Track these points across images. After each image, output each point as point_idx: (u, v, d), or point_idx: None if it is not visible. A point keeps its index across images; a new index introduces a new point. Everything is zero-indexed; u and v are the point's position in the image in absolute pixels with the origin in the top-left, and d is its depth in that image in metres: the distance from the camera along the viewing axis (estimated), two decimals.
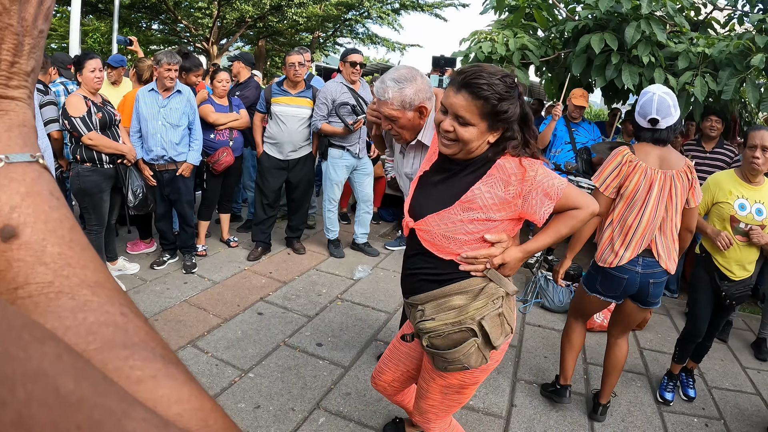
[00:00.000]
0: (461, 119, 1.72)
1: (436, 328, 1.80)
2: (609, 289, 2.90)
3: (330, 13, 18.48)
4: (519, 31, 5.67)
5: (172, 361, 0.47)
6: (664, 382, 3.52)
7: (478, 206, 1.76)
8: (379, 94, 2.33)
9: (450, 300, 1.81)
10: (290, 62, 4.83)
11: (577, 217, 1.86)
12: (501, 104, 1.69)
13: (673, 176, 2.70)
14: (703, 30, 5.77)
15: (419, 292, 1.89)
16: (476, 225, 1.77)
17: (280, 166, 5.11)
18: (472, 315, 1.78)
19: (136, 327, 0.47)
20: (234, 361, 3.35)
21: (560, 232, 1.89)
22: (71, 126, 3.84)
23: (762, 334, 4.29)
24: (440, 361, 1.86)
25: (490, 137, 1.76)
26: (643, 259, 2.78)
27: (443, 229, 1.79)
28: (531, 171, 1.76)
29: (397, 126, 2.40)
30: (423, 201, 1.90)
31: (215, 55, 18.06)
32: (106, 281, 0.50)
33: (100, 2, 16.38)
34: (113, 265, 4.44)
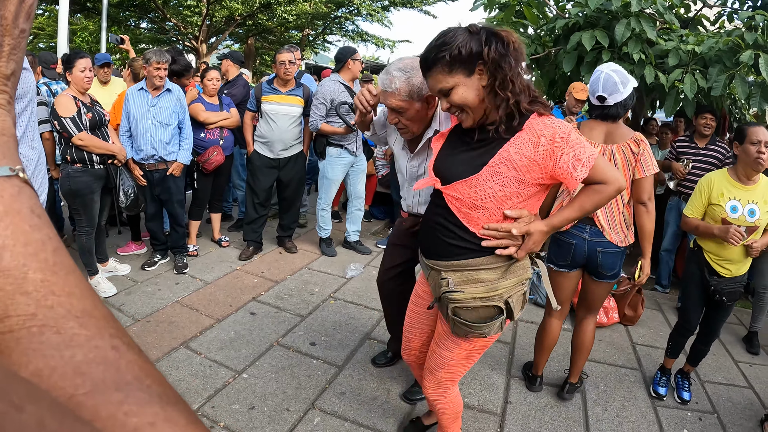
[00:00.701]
0: (443, 91, 1.77)
1: (464, 300, 1.83)
2: (559, 256, 2.99)
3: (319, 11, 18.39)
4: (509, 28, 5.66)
5: (171, 400, 0.42)
6: (657, 377, 3.54)
7: (507, 168, 1.74)
8: (385, 86, 2.26)
9: (477, 273, 1.84)
10: (281, 60, 4.80)
11: (603, 192, 1.83)
12: (453, 49, 1.69)
13: (613, 150, 2.77)
14: (692, 27, 5.79)
15: (443, 256, 1.90)
16: (506, 189, 1.76)
17: (271, 165, 5.09)
18: (501, 293, 1.84)
19: (129, 362, 0.43)
20: (227, 362, 3.33)
21: (585, 207, 1.86)
22: (61, 127, 3.80)
23: (753, 328, 4.33)
24: (461, 329, 1.89)
25: (477, 81, 1.74)
26: (590, 228, 2.87)
27: (473, 197, 1.79)
28: (562, 132, 1.73)
29: (404, 118, 2.33)
30: (450, 163, 1.89)
31: (204, 54, 17.96)
32: (95, 308, 0.46)
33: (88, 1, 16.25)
34: (104, 266, 4.40)
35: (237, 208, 6.40)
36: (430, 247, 1.99)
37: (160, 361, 3.26)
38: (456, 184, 1.82)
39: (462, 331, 1.91)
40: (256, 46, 21.46)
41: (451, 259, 1.88)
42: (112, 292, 4.11)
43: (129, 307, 3.92)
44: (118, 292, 4.15)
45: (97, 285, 4.12)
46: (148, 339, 3.50)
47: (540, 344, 3.24)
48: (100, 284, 4.12)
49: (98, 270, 4.23)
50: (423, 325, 2.36)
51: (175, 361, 3.28)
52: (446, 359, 2.10)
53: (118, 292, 4.14)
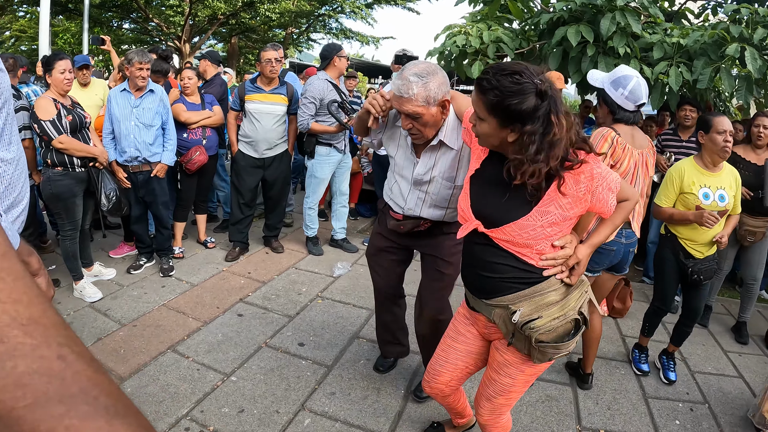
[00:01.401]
0: (476, 115, 1.82)
1: (545, 324, 1.85)
2: (597, 263, 3.03)
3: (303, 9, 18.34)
4: (493, 23, 5.65)
5: (118, 413, 0.40)
6: (636, 356, 3.72)
7: (554, 207, 1.80)
8: (401, 92, 2.23)
9: (545, 297, 1.88)
10: (266, 58, 4.75)
11: (627, 208, 1.99)
12: (503, 99, 1.69)
13: (646, 154, 2.89)
14: (677, 20, 5.81)
15: (505, 292, 1.92)
16: (554, 228, 1.83)
17: (256, 165, 5.05)
18: (573, 306, 1.90)
19: (76, 373, 0.40)
20: (216, 365, 3.29)
21: (616, 222, 2.01)
22: (41, 130, 3.73)
23: (742, 318, 4.37)
24: (549, 353, 1.90)
25: (507, 135, 1.77)
26: (625, 231, 2.99)
27: (525, 238, 1.83)
28: (597, 168, 1.82)
29: (419, 123, 2.31)
30: (493, 204, 1.90)
31: (188, 54, 17.84)
32: (43, 316, 0.43)
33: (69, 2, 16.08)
34: (89, 271, 4.34)
35: (222, 209, 6.34)
36: (487, 288, 1.98)
37: (148, 365, 3.22)
38: (506, 227, 1.84)
39: (547, 355, 1.92)
40: (240, 45, 21.37)
41: (516, 292, 1.91)
42: (97, 296, 4.06)
43: (115, 312, 3.87)
44: (104, 296, 4.10)
45: (83, 290, 4.06)
46: (134, 344, 3.45)
47: (587, 341, 3.31)
48: (85, 289, 4.07)
49: (83, 275, 4.17)
50: (458, 362, 2.32)
51: (162, 366, 3.24)
52: (507, 386, 2.11)
53: (103, 297, 4.08)
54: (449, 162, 2.50)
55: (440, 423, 2.87)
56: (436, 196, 2.58)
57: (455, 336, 2.31)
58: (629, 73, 2.81)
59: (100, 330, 3.61)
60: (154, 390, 2.98)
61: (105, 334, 3.55)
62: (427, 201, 2.61)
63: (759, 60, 4.28)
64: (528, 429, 2.94)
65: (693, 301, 3.53)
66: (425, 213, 2.64)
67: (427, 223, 2.68)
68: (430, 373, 2.41)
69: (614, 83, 2.83)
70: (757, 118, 4.17)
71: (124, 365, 3.20)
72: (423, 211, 2.63)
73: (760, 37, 4.33)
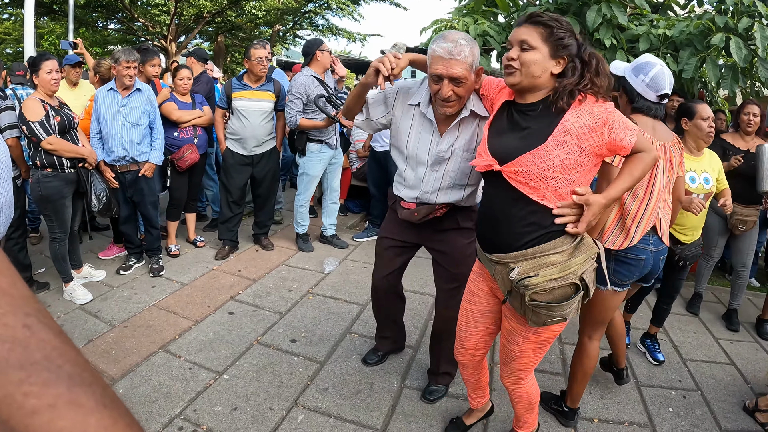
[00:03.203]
0: (525, 44, 1.87)
1: (541, 283, 1.84)
2: (626, 275, 2.71)
3: (289, 6, 18.27)
4: (480, 17, 5.65)
5: (83, 381, 0.39)
6: (650, 345, 3.75)
7: (570, 137, 1.82)
8: (452, 53, 2.17)
9: (546, 258, 1.86)
10: (257, 56, 4.73)
11: (645, 160, 1.95)
12: (559, 31, 1.85)
13: (670, 148, 2.66)
14: (663, 12, 5.83)
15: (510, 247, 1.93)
16: (570, 157, 1.82)
17: (244, 162, 5.03)
18: (575, 270, 1.86)
19: (41, 341, 0.40)
20: (207, 364, 3.28)
21: (633, 174, 1.95)
22: (29, 131, 3.68)
23: (732, 306, 4.42)
24: (542, 315, 1.89)
25: (552, 66, 1.87)
26: (652, 237, 2.70)
27: (541, 168, 1.83)
28: (610, 105, 1.88)
29: (462, 89, 2.27)
30: (509, 143, 1.92)
31: (174, 53, 17.73)
32: (11, 287, 0.43)
33: (54, 3, 15.92)
34: (78, 272, 4.31)
35: (210, 208, 6.32)
36: (493, 241, 2.00)
37: (139, 366, 3.20)
38: (522, 158, 1.84)
39: (542, 317, 1.90)
40: (226, 43, 21.27)
41: (518, 249, 1.91)
42: (87, 298, 4.03)
43: (105, 313, 3.85)
44: (94, 298, 4.07)
45: (73, 292, 4.03)
46: (126, 344, 3.43)
47: (581, 371, 2.90)
48: (75, 291, 4.03)
49: (73, 277, 4.13)
50: (478, 323, 2.34)
51: (154, 366, 3.22)
52: (517, 353, 2.14)
53: (93, 299, 4.05)
54: (470, 134, 2.46)
55: (458, 417, 2.86)
56: (455, 173, 2.51)
57: (470, 298, 2.34)
58: (652, 61, 2.64)
59: (91, 332, 3.58)
60: (147, 390, 2.97)
61: (96, 336, 3.53)
62: (446, 180, 2.53)
63: (744, 49, 4.31)
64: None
65: (674, 283, 3.63)
66: (442, 198, 2.58)
67: (443, 209, 2.63)
68: (458, 341, 2.47)
69: (635, 69, 2.66)
70: (746, 106, 4.21)
71: (115, 366, 3.18)
72: (440, 195, 2.57)
73: (744, 26, 4.36)
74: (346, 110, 2.73)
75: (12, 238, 4.00)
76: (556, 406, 3.01)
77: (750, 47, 4.49)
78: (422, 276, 4.68)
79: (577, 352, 2.91)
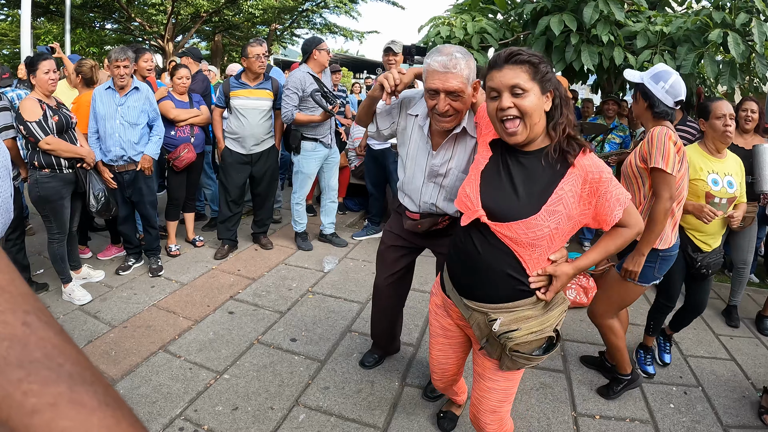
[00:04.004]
0: (516, 89, 1.76)
1: (523, 336, 1.85)
2: (664, 269, 2.98)
3: (286, 4, 18.25)
4: (477, 14, 5.65)
5: (85, 380, 0.38)
6: (642, 356, 3.58)
7: (562, 206, 1.78)
8: (448, 66, 2.15)
9: (523, 312, 1.88)
10: (255, 54, 4.71)
11: (625, 236, 1.91)
12: (542, 66, 1.77)
13: (685, 152, 2.79)
14: (660, 8, 5.84)
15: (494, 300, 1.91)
16: (559, 227, 1.80)
17: (243, 161, 5.02)
18: (552, 324, 1.89)
19: (41, 339, 0.39)
20: (208, 364, 3.28)
21: (609, 249, 1.93)
22: (27, 131, 3.67)
23: (732, 302, 4.41)
24: (519, 363, 1.92)
25: (544, 103, 1.79)
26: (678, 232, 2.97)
27: (530, 237, 1.79)
28: (607, 172, 1.79)
29: (459, 103, 2.24)
30: (503, 203, 1.85)
31: (171, 53, 17.69)
32: (10, 284, 0.42)
33: (51, 3, 15.90)
34: (77, 273, 4.29)
35: (209, 207, 6.31)
36: (471, 287, 1.97)
37: (140, 366, 3.19)
38: (513, 224, 1.80)
39: (518, 365, 1.93)
40: (224, 42, 21.24)
41: (498, 302, 1.90)
42: (87, 299, 4.02)
43: (105, 314, 3.84)
44: (93, 299, 4.05)
45: (72, 293, 4.01)
46: (126, 345, 3.43)
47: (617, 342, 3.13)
48: (74, 292, 4.02)
49: (72, 277, 4.12)
50: (458, 353, 2.35)
51: (154, 366, 3.21)
52: (507, 389, 2.10)
53: (93, 299, 4.04)
54: (466, 154, 2.44)
55: (447, 410, 2.88)
56: (451, 189, 2.50)
57: (444, 333, 2.31)
58: (669, 69, 2.83)
59: (91, 332, 3.57)
60: (147, 391, 2.96)
61: (95, 337, 3.52)
62: (443, 193, 2.55)
63: (742, 45, 4.31)
64: (523, 417, 2.95)
65: (698, 294, 3.46)
66: (442, 205, 2.57)
67: (446, 221, 2.62)
68: (438, 373, 2.45)
69: (654, 77, 2.82)
70: (744, 103, 4.19)
71: (115, 367, 3.17)
72: (439, 203, 2.57)
73: (742, 22, 4.36)
74: (358, 120, 2.81)
75: (10, 239, 3.99)
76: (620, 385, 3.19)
77: (748, 43, 4.49)
78: (422, 274, 4.66)
79: (607, 331, 3.10)
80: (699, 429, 2.95)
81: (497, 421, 2.16)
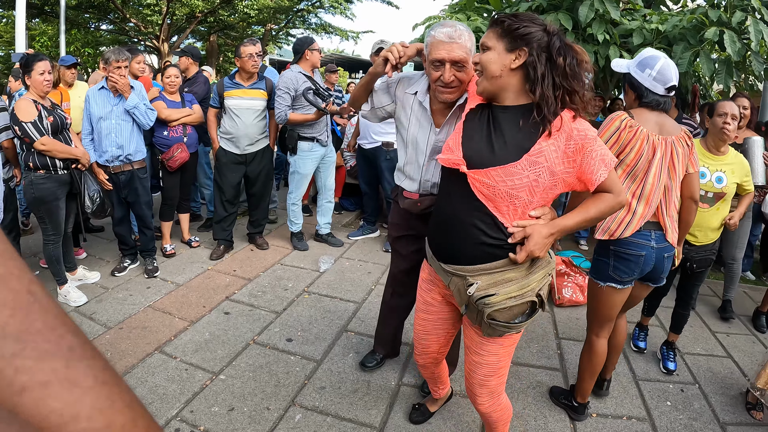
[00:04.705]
0: (483, 46, 1.86)
1: (500, 302, 1.81)
2: (625, 271, 2.67)
3: (281, 5, 18.21)
4: (472, 14, 5.65)
5: (85, 355, 0.36)
6: (636, 333, 3.79)
7: (544, 159, 1.75)
8: (453, 37, 2.19)
9: (504, 273, 1.83)
10: (248, 53, 4.70)
11: (608, 203, 1.87)
12: (514, 23, 1.78)
13: (673, 142, 2.58)
14: (655, 6, 5.84)
15: (470, 261, 1.87)
16: (539, 180, 1.76)
17: (238, 161, 5.00)
18: (533, 288, 1.84)
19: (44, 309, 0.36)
20: (204, 364, 3.26)
21: (589, 213, 1.88)
22: (22, 132, 3.64)
23: (726, 297, 4.46)
24: (499, 330, 1.88)
25: (510, 61, 1.79)
26: (654, 233, 2.64)
27: (509, 186, 1.76)
28: (593, 132, 1.79)
29: (462, 73, 2.26)
30: (482, 150, 1.84)
31: (166, 53, 17.66)
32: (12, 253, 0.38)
33: (45, 4, 15.84)
34: (73, 275, 4.27)
35: (205, 208, 6.29)
36: (449, 250, 1.95)
37: (135, 367, 3.18)
38: (491, 170, 1.77)
39: (497, 331, 1.90)
40: (219, 42, 21.21)
41: (476, 263, 1.86)
42: (82, 300, 4.00)
43: (101, 315, 3.82)
44: (89, 300, 4.04)
45: (67, 294, 3.99)
46: (121, 346, 3.41)
47: (589, 368, 2.91)
48: (69, 293, 4.00)
49: (67, 279, 4.11)
50: (438, 330, 2.33)
51: (150, 367, 3.20)
52: (494, 363, 2.07)
53: (88, 301, 4.02)
54: None
55: (421, 403, 2.90)
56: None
57: (425, 308, 2.31)
58: (656, 54, 2.60)
59: (86, 334, 3.51)
60: (143, 392, 2.95)
61: (91, 338, 3.48)
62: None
63: (738, 43, 4.32)
64: (520, 415, 2.94)
65: (687, 287, 3.55)
66: None
67: None
68: (419, 348, 2.44)
69: (640, 65, 2.61)
70: (736, 99, 4.21)
71: None
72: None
73: (738, 20, 4.37)
74: (352, 100, 2.77)
75: None
76: (566, 401, 3.03)
77: (743, 41, 4.50)
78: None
79: (585, 349, 2.93)
80: (696, 426, 2.95)
81: (487, 394, 2.15)
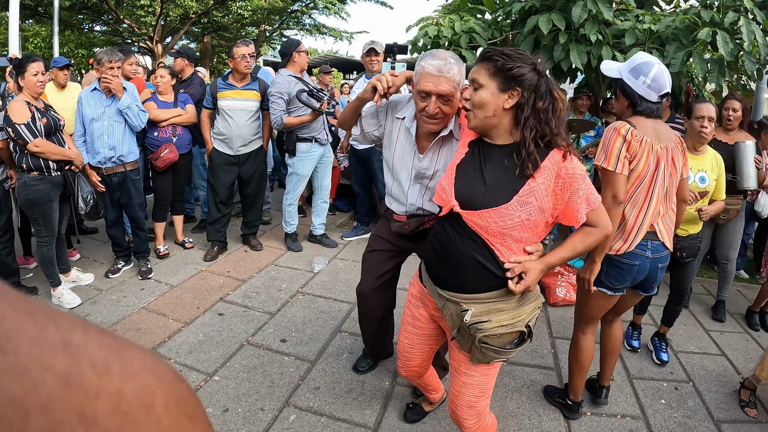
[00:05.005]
0: (475, 83, 1.88)
1: (493, 329, 1.86)
2: (618, 279, 2.66)
3: (275, 6, 18.20)
4: (465, 14, 5.66)
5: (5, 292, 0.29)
6: (629, 332, 3.82)
7: (534, 198, 1.81)
8: (442, 71, 2.19)
9: (496, 304, 1.89)
10: (240, 54, 4.70)
11: (594, 236, 1.94)
12: (507, 62, 1.81)
13: (672, 149, 2.55)
14: (648, 7, 5.85)
15: (468, 290, 1.92)
16: (530, 218, 1.82)
17: (231, 162, 5.00)
18: (524, 319, 1.91)
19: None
20: (198, 366, 3.26)
21: (576, 248, 1.95)
22: (15, 133, 3.63)
23: (720, 297, 4.47)
24: (489, 356, 1.93)
25: (504, 101, 1.83)
26: (651, 243, 2.60)
27: (501, 226, 1.82)
28: (579, 170, 1.84)
29: (448, 107, 2.28)
30: (475, 192, 1.89)
31: (160, 54, 17.60)
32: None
33: (39, 6, 15.77)
34: (67, 276, 4.26)
35: (199, 209, 6.27)
36: (446, 278, 1.99)
37: None
38: (484, 212, 1.83)
39: (487, 357, 1.94)
40: (213, 44, 21.15)
41: (471, 292, 1.92)
42: (76, 302, 3.99)
43: (95, 317, 3.81)
44: (83, 302, 4.02)
45: (61, 296, 3.98)
46: None
47: (577, 364, 2.93)
48: (63, 295, 3.99)
49: (61, 281, 4.09)
50: (423, 345, 2.36)
51: None
52: (483, 384, 2.09)
53: (82, 302, 4.01)
54: (452, 157, 2.41)
55: (416, 403, 2.91)
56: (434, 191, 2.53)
57: (412, 322, 2.34)
58: (649, 60, 2.51)
59: None
60: None
61: None
62: (428, 195, 2.57)
63: (730, 43, 4.33)
64: (514, 414, 2.95)
65: (680, 281, 3.59)
66: (428, 206, 2.59)
67: (432, 220, 2.61)
68: (402, 360, 2.47)
69: (634, 71, 2.52)
70: (726, 101, 4.23)
71: None
72: (425, 204, 2.59)
73: (730, 20, 4.38)
74: (341, 122, 2.81)
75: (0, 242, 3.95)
76: (560, 400, 3.05)
77: (736, 41, 4.51)
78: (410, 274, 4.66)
79: (573, 347, 2.95)
80: (690, 424, 2.96)
81: (475, 416, 2.16)
